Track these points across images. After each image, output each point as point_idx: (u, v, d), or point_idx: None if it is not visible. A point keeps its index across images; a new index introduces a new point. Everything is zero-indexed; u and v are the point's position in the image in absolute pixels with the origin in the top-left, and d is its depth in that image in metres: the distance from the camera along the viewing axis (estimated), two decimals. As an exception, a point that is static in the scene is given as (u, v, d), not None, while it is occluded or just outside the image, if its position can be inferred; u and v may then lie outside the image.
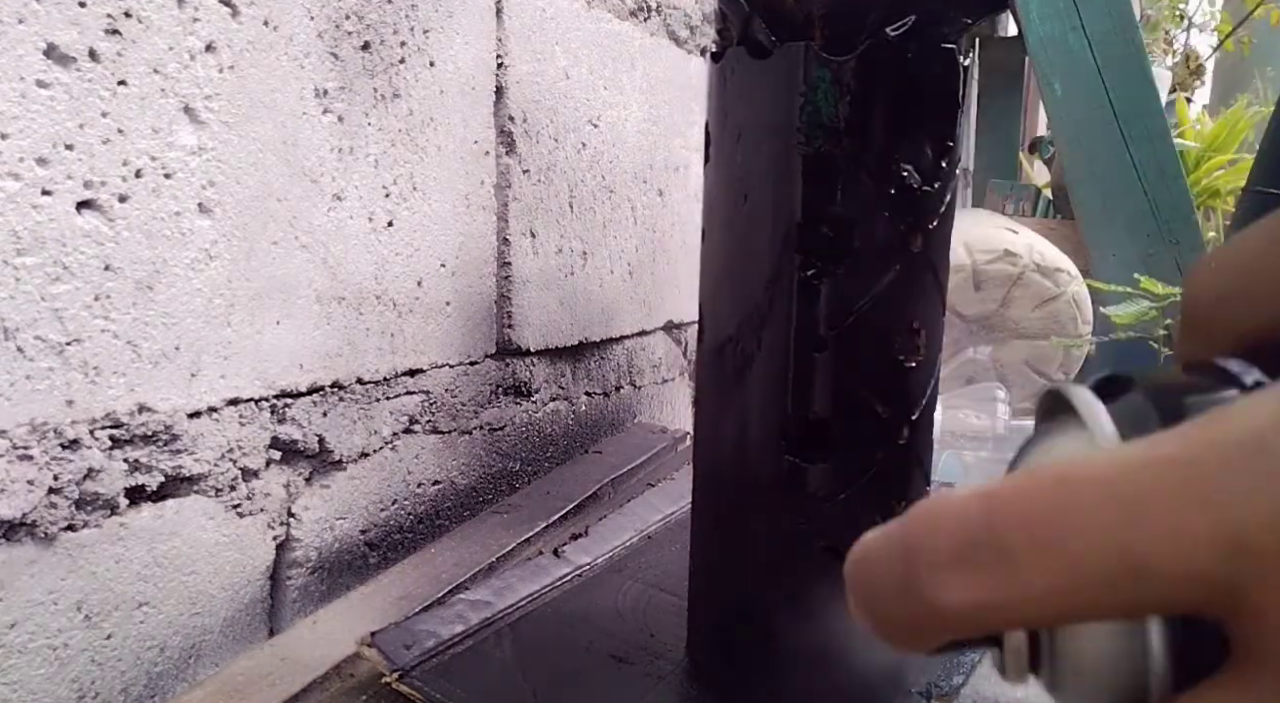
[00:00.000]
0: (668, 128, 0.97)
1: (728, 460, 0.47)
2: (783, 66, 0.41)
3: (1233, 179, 2.33)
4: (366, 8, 0.58)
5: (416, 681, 0.47)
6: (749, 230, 0.44)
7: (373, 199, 0.60)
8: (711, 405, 0.48)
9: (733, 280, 0.45)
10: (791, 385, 0.43)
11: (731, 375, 0.45)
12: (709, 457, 0.49)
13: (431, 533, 0.69)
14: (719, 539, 0.48)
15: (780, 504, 0.44)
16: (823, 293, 0.42)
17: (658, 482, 0.77)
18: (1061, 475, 0.14)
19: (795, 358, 0.43)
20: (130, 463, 0.47)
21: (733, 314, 0.45)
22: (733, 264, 0.45)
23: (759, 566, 0.46)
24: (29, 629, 0.43)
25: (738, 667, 0.47)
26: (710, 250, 0.47)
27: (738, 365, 0.45)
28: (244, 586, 0.54)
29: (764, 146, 0.43)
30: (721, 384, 0.46)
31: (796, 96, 0.41)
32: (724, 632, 0.49)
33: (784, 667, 0.46)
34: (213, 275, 0.50)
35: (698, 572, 0.50)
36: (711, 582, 0.49)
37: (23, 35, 0.40)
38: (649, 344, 0.99)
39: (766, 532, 0.45)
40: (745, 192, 0.44)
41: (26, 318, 0.41)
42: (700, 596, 0.50)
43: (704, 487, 0.49)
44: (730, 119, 0.44)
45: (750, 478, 0.45)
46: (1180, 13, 3.74)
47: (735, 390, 0.45)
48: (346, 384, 0.60)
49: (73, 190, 0.43)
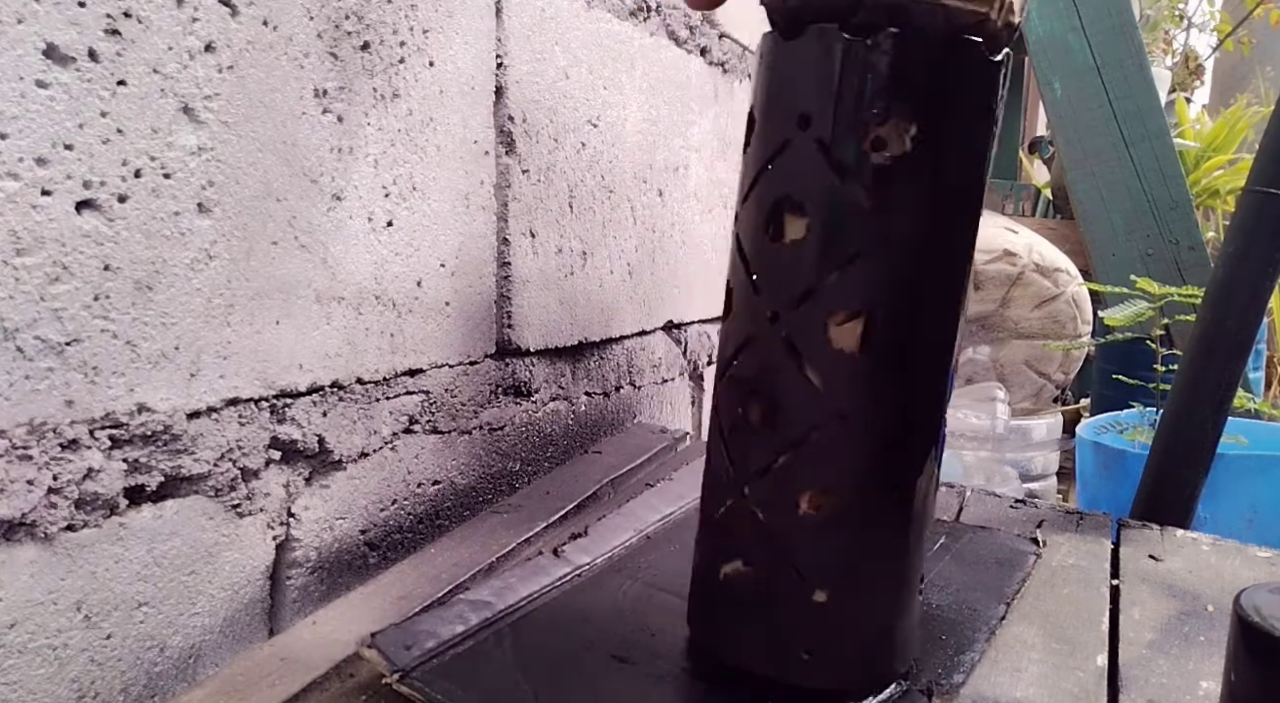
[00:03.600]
0: (667, 128, 0.97)
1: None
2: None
3: (1232, 179, 2.33)
4: (366, 8, 0.58)
5: (417, 681, 0.47)
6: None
7: (372, 199, 0.60)
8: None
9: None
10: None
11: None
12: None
13: (431, 533, 0.69)
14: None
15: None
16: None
17: (657, 482, 0.77)
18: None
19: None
20: (130, 463, 0.47)
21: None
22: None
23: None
24: (29, 629, 0.43)
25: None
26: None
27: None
28: (244, 586, 0.54)
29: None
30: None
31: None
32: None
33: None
34: (212, 275, 0.50)
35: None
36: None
37: (22, 35, 0.40)
38: (649, 344, 0.99)
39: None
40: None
41: (26, 318, 0.41)
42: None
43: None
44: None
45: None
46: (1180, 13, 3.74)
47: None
48: (346, 384, 0.60)
49: (72, 190, 0.43)
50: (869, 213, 0.42)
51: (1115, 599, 0.62)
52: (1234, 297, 0.88)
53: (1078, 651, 0.54)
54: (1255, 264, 0.86)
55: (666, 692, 0.47)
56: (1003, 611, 0.59)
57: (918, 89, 0.41)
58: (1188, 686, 0.51)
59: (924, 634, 0.53)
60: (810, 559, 0.45)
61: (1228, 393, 0.89)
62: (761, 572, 0.47)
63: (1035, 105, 3.35)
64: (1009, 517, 0.78)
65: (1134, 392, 1.57)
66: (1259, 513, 1.31)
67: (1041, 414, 1.82)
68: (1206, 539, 0.74)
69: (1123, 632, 0.57)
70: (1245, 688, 0.36)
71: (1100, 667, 0.52)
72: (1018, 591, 0.62)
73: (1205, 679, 0.51)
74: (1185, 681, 0.51)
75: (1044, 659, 0.53)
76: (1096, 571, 0.67)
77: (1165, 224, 2.01)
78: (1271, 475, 1.32)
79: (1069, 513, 0.80)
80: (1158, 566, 0.69)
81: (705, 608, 0.50)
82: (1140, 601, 0.62)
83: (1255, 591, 0.37)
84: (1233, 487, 1.28)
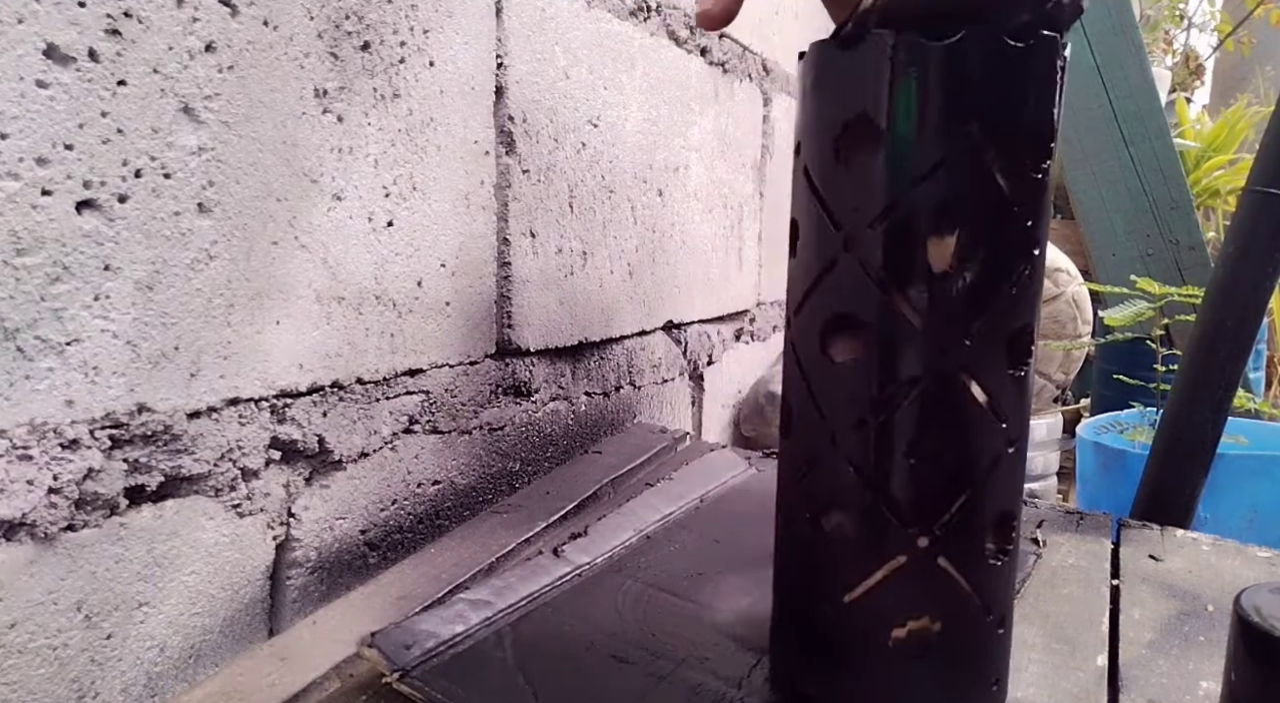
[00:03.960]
0: (668, 128, 0.97)
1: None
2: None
3: (1233, 179, 2.33)
4: (366, 8, 0.58)
5: (417, 681, 0.47)
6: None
7: (372, 199, 0.60)
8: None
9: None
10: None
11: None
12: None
13: (431, 533, 0.69)
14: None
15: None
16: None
17: (657, 482, 0.77)
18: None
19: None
20: (130, 463, 0.47)
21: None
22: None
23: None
24: (29, 629, 0.43)
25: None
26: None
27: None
28: (244, 586, 0.54)
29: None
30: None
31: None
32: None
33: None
34: (212, 275, 0.50)
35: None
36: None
37: (22, 35, 0.40)
38: (649, 344, 0.99)
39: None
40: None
41: (26, 318, 0.41)
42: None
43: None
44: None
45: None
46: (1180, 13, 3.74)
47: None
48: (346, 384, 0.60)
49: (72, 190, 0.43)
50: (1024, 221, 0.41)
51: (1115, 599, 0.62)
52: (1234, 297, 0.88)
53: (1078, 651, 0.54)
54: (1255, 264, 0.86)
55: (666, 692, 0.47)
56: (1003, 611, 0.59)
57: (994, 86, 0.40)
58: (1188, 686, 0.51)
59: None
60: (993, 593, 0.44)
61: (1228, 393, 0.89)
62: (953, 621, 0.43)
63: (1035, 105, 3.34)
64: (1009, 517, 0.78)
65: (1134, 392, 1.57)
66: (1259, 513, 1.31)
67: (1041, 414, 1.82)
68: (1206, 539, 0.74)
69: (1123, 632, 0.57)
70: (1245, 688, 0.36)
71: (1100, 667, 0.52)
72: (1018, 591, 0.62)
73: (1205, 679, 0.51)
74: (1185, 681, 0.51)
75: (1044, 659, 0.53)
76: (1096, 571, 0.67)
77: (1165, 224, 2.01)
78: (1271, 475, 1.32)
79: (1069, 513, 0.80)
80: (1158, 566, 0.69)
81: (861, 673, 0.44)
82: (1140, 601, 0.62)
83: (1255, 591, 0.37)
84: (1233, 487, 1.29)
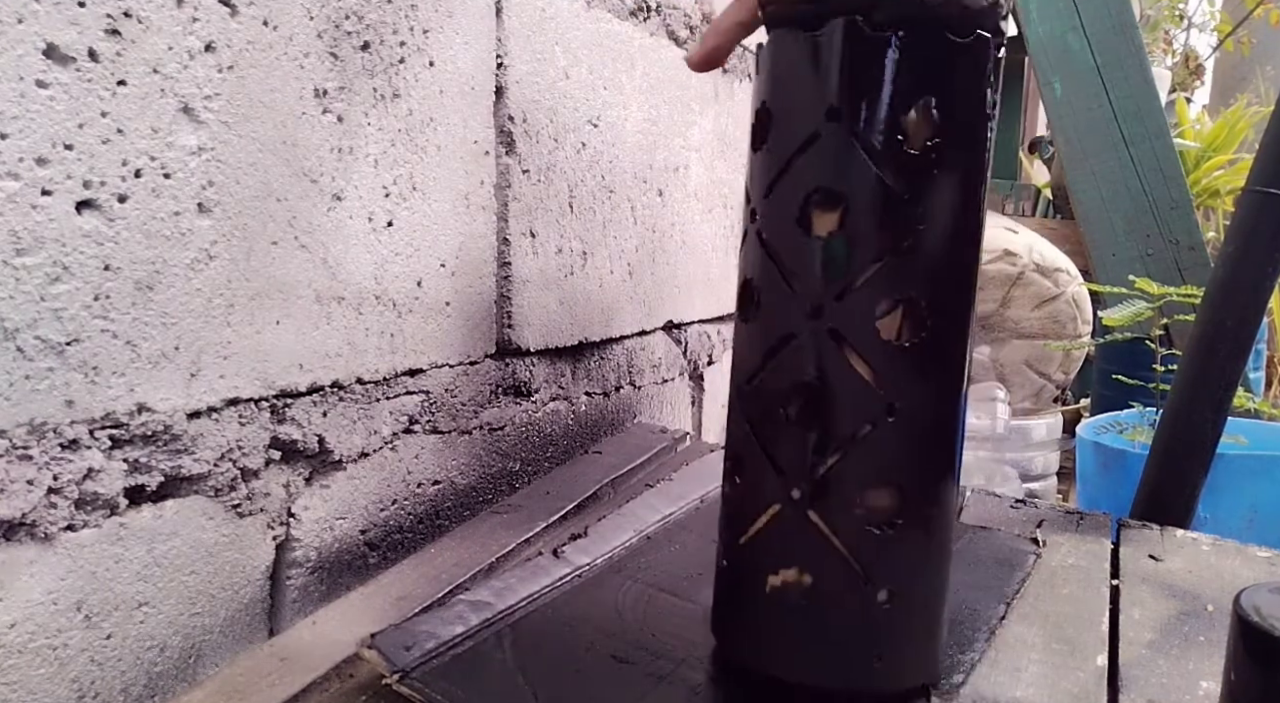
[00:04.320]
0: (668, 128, 0.97)
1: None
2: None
3: (1232, 179, 2.33)
4: (366, 8, 0.58)
5: (416, 682, 0.47)
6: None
7: (372, 199, 0.60)
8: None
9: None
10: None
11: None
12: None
13: (431, 533, 0.69)
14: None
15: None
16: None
17: (657, 482, 0.77)
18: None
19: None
20: (130, 463, 0.47)
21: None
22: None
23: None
24: (29, 629, 0.43)
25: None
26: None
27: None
28: (244, 586, 0.54)
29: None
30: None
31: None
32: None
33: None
34: (212, 275, 0.50)
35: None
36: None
37: (22, 35, 0.40)
38: (649, 344, 0.99)
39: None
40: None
41: (26, 318, 0.41)
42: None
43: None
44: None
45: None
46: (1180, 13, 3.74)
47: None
48: (346, 384, 0.60)
49: (72, 190, 0.43)
50: (906, 202, 0.43)
51: (1115, 599, 0.62)
52: (1234, 297, 0.88)
53: (1078, 651, 0.54)
54: (1255, 264, 0.86)
55: (666, 692, 0.47)
56: (1003, 611, 0.59)
57: (939, 81, 0.42)
58: (1188, 686, 0.51)
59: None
60: (874, 561, 0.44)
61: (1228, 393, 0.89)
62: (823, 579, 0.45)
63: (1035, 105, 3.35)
64: (1009, 517, 0.78)
65: (1134, 392, 1.57)
66: (1259, 513, 1.31)
67: (1041, 414, 1.82)
68: (1206, 539, 0.74)
69: (1123, 632, 0.57)
70: (1245, 688, 0.36)
71: (1100, 667, 0.52)
72: (1018, 591, 0.62)
73: (1205, 679, 0.51)
74: (1185, 681, 0.51)
75: (1044, 659, 0.53)
76: (1096, 571, 0.67)
77: (1165, 224, 2.01)
78: (1272, 476, 1.32)
79: (1069, 513, 0.80)
80: (1158, 566, 0.69)
81: (745, 620, 0.49)
82: (1140, 601, 0.62)
83: (1255, 591, 0.37)
84: (1233, 487, 1.28)
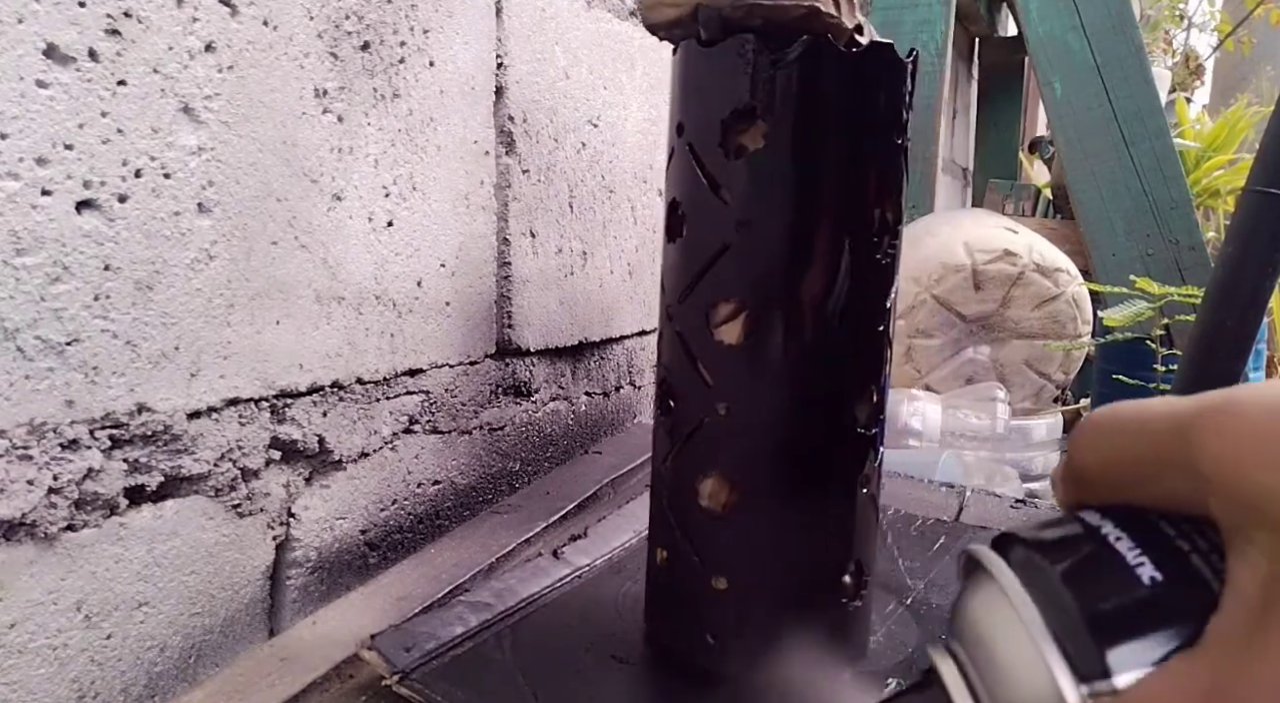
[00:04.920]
0: (668, 128, 0.96)
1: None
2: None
3: (1233, 179, 2.32)
4: (366, 8, 0.58)
5: (416, 683, 0.47)
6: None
7: (372, 199, 0.60)
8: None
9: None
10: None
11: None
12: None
13: (431, 533, 0.69)
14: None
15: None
16: None
17: (658, 482, 0.77)
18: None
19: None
20: (130, 463, 0.47)
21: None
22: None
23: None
24: (29, 629, 0.43)
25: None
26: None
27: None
28: (244, 586, 0.54)
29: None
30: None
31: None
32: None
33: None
34: (212, 275, 0.50)
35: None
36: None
37: (22, 35, 0.40)
38: (649, 344, 0.99)
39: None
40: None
41: (26, 318, 0.41)
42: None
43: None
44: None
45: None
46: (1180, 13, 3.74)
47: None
48: (346, 384, 0.60)
49: (72, 190, 0.43)
50: (731, 208, 0.45)
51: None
52: (1234, 297, 0.88)
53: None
54: (1255, 264, 0.86)
55: (667, 692, 0.48)
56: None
57: (770, 91, 0.44)
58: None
59: (923, 633, 0.53)
60: (707, 546, 0.47)
61: (1228, 393, 0.89)
62: (673, 558, 0.49)
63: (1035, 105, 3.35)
64: (1009, 517, 0.78)
65: (1134, 392, 1.57)
66: (1259, 513, 1.31)
67: (1041, 414, 1.82)
68: (1206, 539, 0.74)
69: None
70: None
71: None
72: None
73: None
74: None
75: (1044, 660, 0.53)
76: (1096, 571, 0.66)
77: (1165, 224, 2.01)
78: (1271, 476, 1.31)
79: (1069, 513, 0.80)
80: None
81: (648, 590, 0.53)
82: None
83: None
84: (1232, 487, 1.28)
